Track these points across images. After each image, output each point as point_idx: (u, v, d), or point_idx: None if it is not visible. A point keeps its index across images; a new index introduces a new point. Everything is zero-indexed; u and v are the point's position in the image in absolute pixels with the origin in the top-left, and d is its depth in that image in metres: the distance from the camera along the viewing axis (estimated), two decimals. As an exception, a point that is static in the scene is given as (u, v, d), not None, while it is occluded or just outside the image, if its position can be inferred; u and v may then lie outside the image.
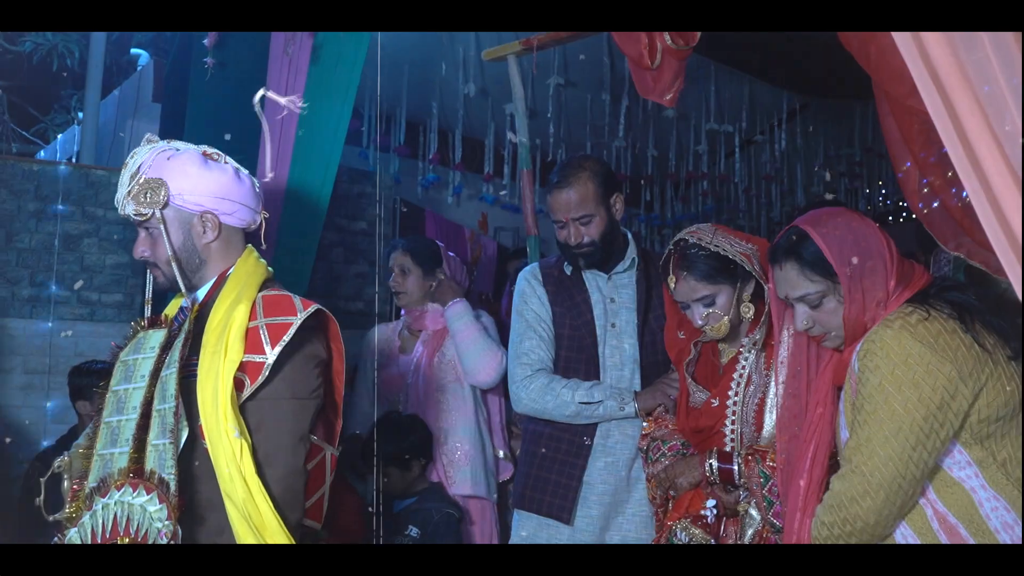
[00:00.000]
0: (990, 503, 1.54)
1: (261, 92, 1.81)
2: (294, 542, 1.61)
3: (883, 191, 6.73)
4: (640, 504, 2.40)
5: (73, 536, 1.61)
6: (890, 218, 6.88)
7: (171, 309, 1.86)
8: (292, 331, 1.66)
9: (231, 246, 1.82)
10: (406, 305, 3.10)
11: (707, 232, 2.10)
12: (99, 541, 1.56)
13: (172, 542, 1.51)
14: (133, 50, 5.07)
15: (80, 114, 4.53)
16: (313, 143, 3.12)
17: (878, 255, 1.65)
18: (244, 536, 1.57)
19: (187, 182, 1.75)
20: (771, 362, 1.97)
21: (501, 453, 3.05)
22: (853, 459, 1.58)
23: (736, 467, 1.99)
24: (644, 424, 2.28)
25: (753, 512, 1.97)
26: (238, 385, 1.63)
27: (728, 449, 2.05)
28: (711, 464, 2.02)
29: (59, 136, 5.26)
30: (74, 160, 4.44)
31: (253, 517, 1.57)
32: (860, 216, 1.72)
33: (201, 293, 1.80)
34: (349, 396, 3.32)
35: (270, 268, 1.86)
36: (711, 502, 2.03)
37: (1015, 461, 1.55)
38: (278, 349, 1.65)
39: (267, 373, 1.64)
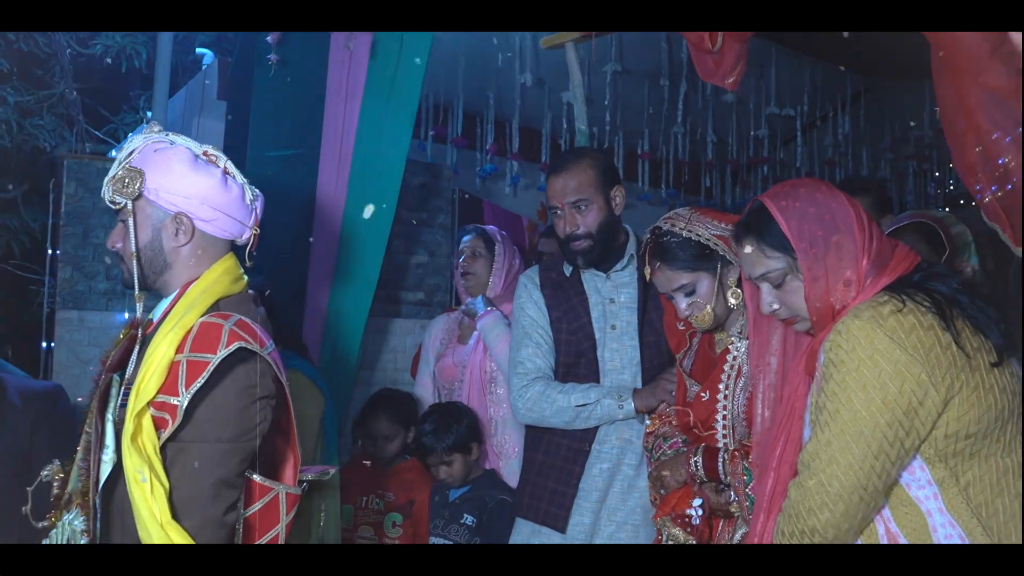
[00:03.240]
0: (945, 529, 1.39)
1: None
2: None
3: (954, 174, 6.50)
4: (632, 512, 2.32)
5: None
6: (961, 201, 6.64)
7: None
8: (207, 373, 1.50)
9: (206, 255, 1.66)
10: (472, 288, 3.12)
11: (683, 217, 1.98)
12: None
13: None
14: (198, 50, 5.19)
15: (148, 113, 4.67)
16: (375, 138, 3.16)
17: (845, 229, 1.48)
18: None
19: (167, 178, 1.61)
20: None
21: None
22: (812, 464, 1.43)
23: (721, 463, 1.88)
24: (648, 422, 2.19)
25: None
26: (162, 424, 1.50)
27: (720, 445, 1.94)
28: (695, 461, 1.92)
29: (129, 135, 5.43)
30: (144, 157, 4.55)
31: None
32: (828, 187, 1.56)
33: (159, 310, 1.67)
34: (412, 386, 3.39)
35: (244, 277, 1.71)
36: (698, 501, 1.93)
37: (979, 484, 1.39)
38: (192, 390, 1.49)
39: (181, 417, 1.50)
